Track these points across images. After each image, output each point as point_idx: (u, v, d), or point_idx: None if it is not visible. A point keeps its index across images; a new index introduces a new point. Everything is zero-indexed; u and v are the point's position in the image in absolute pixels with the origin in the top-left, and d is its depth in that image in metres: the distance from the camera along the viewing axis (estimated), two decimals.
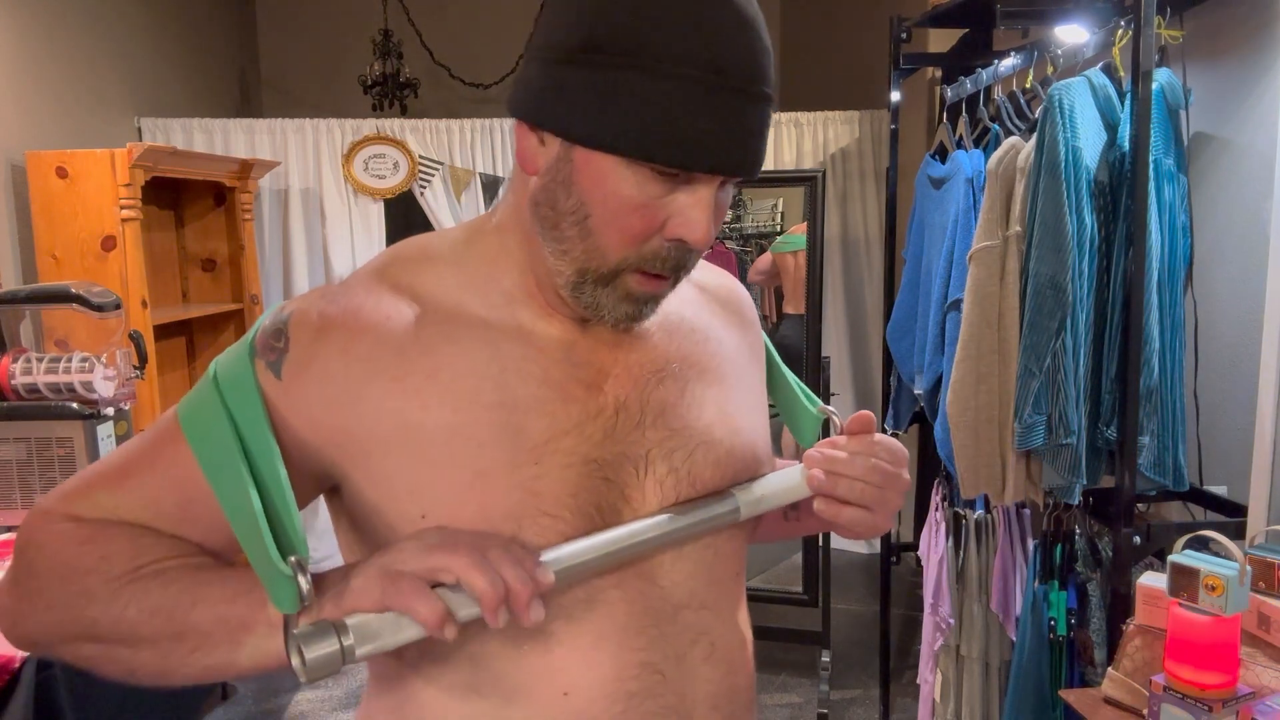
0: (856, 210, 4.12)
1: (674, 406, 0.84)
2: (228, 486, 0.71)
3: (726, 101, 0.70)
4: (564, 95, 0.72)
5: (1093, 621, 2.01)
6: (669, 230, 0.74)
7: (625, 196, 0.72)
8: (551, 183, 0.75)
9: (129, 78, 3.81)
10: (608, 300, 0.77)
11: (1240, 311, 1.94)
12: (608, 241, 0.74)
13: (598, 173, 0.72)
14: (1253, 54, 1.90)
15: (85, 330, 2.71)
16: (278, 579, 0.68)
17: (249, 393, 0.75)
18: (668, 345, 0.86)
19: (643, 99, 0.69)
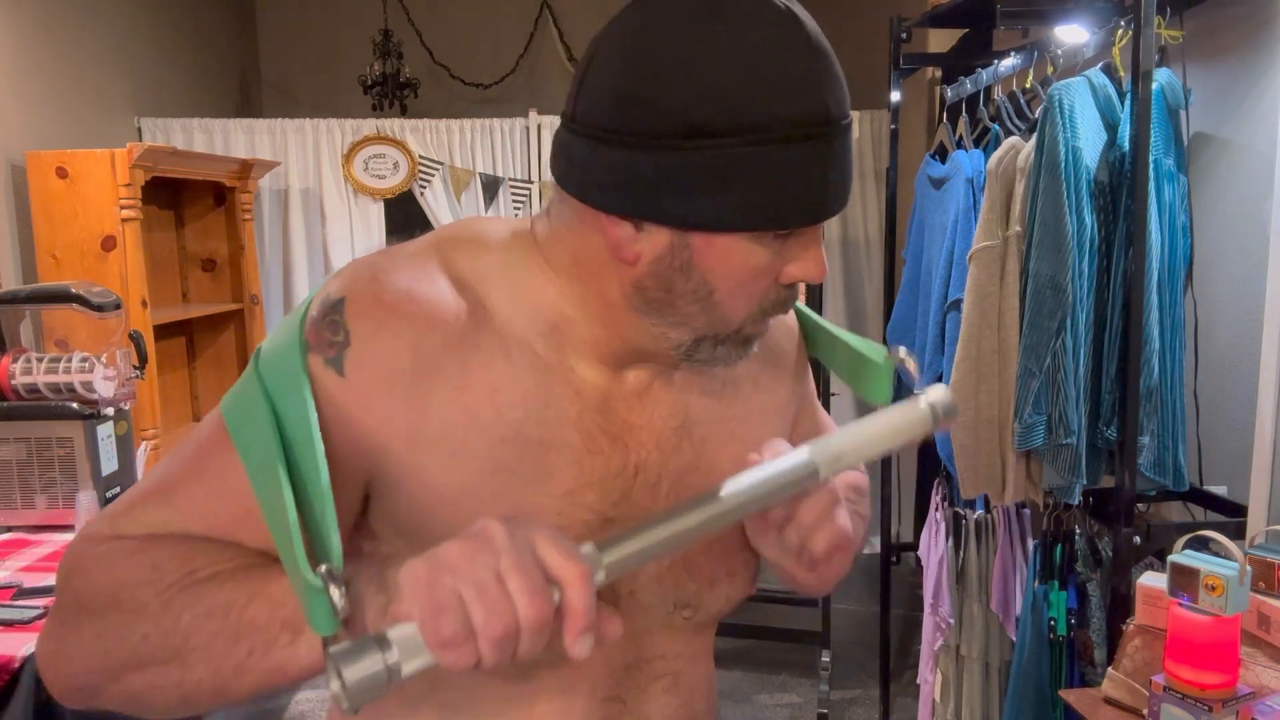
0: (856, 210, 4.12)
1: (689, 474, 0.81)
2: (267, 494, 0.66)
3: (830, 145, 0.69)
4: (668, 183, 0.68)
5: (1093, 621, 2.01)
6: (785, 276, 0.73)
7: (753, 266, 0.71)
8: (666, 270, 0.72)
9: (129, 78, 3.81)
10: (726, 352, 0.76)
11: (1240, 311, 1.94)
12: (734, 308, 0.73)
13: (722, 252, 0.70)
14: (1253, 54, 1.90)
15: (85, 330, 2.71)
16: (311, 594, 0.61)
17: (298, 390, 0.68)
18: (689, 394, 0.83)
19: (761, 171, 0.67)
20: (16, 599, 1.82)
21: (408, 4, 5.29)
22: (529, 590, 0.57)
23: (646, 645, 0.81)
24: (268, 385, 0.69)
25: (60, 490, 2.22)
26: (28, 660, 1.61)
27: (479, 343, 0.73)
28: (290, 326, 0.72)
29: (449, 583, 0.57)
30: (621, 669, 0.80)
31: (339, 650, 0.57)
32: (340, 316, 0.70)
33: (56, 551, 2.09)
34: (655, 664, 0.82)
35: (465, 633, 0.57)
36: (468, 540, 0.59)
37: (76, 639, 0.68)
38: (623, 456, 0.78)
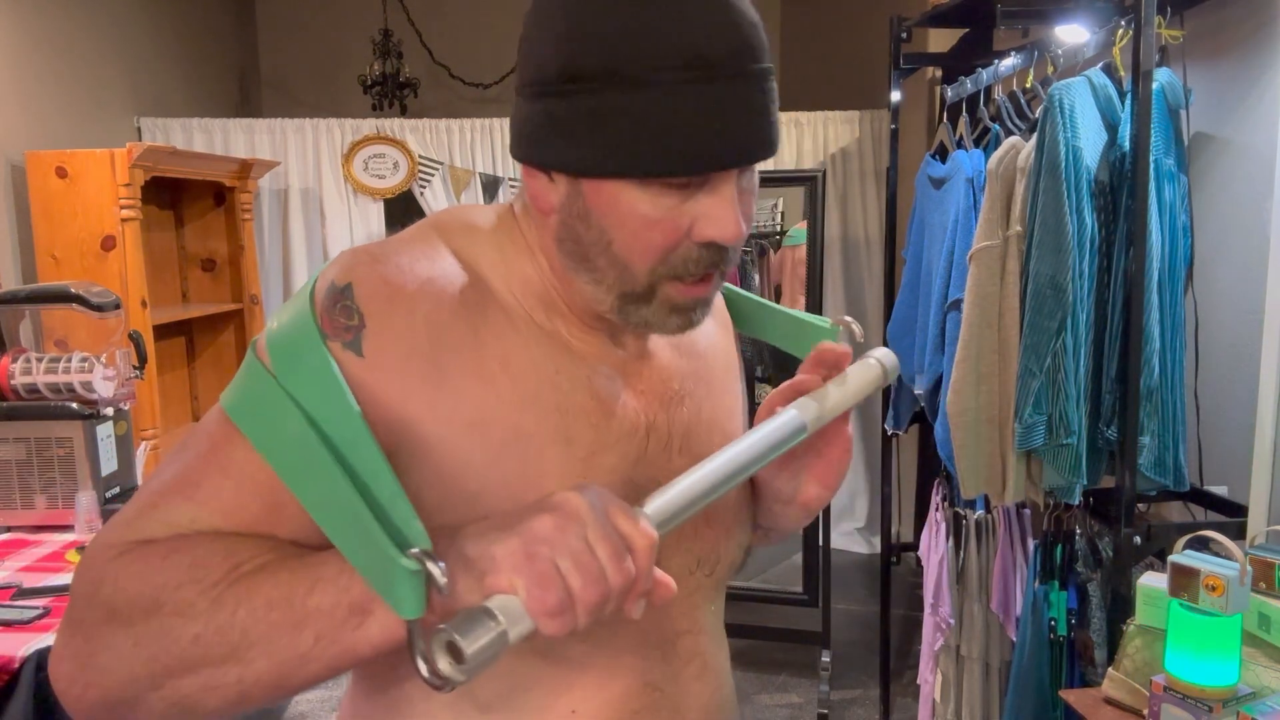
0: (856, 210, 4.12)
1: (694, 431, 0.83)
2: (312, 487, 0.65)
3: (721, 93, 0.67)
4: (556, 130, 0.69)
5: (1093, 621, 2.01)
6: (696, 234, 0.71)
7: (642, 215, 0.70)
8: (569, 219, 0.73)
9: (129, 78, 3.81)
10: (655, 316, 0.75)
11: (1240, 311, 1.94)
12: (637, 261, 0.72)
13: (609, 199, 0.70)
14: (1253, 54, 1.90)
15: (85, 330, 2.71)
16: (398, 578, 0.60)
17: (324, 379, 0.67)
18: (677, 361, 0.85)
19: (634, 116, 0.66)
20: (16, 599, 1.82)
21: (408, 4, 5.29)
22: (616, 557, 0.60)
23: (676, 615, 0.82)
24: (285, 381, 0.67)
25: (60, 490, 2.22)
26: (27, 660, 1.61)
27: (486, 313, 0.74)
28: (299, 317, 0.70)
29: (546, 554, 0.60)
30: (656, 649, 0.80)
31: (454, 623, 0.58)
32: (351, 301, 0.70)
33: (57, 552, 2.09)
34: (685, 641, 0.82)
35: (569, 601, 0.59)
36: (554, 513, 0.61)
37: (110, 652, 0.65)
38: (634, 417, 0.79)
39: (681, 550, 0.82)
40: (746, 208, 0.74)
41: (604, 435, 0.77)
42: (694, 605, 0.83)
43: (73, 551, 2.07)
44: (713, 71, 0.66)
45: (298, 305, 0.71)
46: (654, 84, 0.66)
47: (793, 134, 4.07)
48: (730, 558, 0.86)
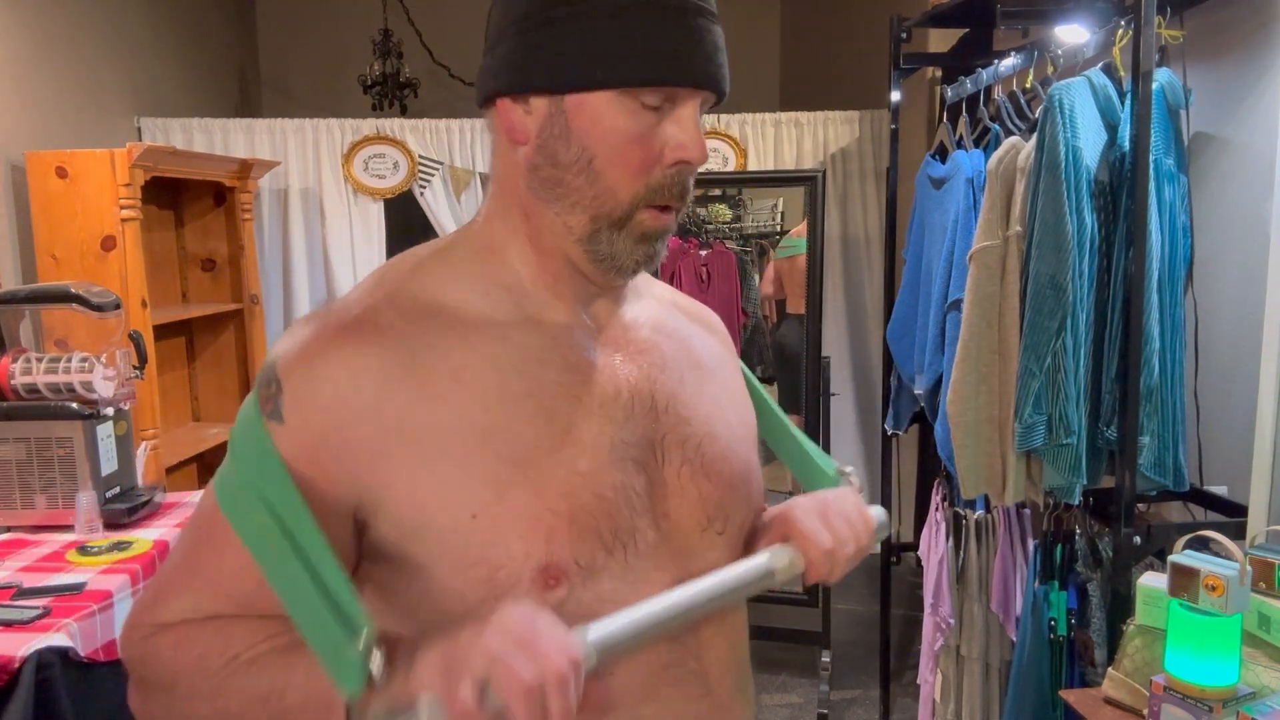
0: (856, 210, 4.12)
1: (678, 394, 0.86)
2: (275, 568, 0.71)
3: (684, 19, 0.75)
4: (539, 54, 0.76)
5: (1093, 621, 2.01)
6: (668, 157, 0.77)
7: (623, 129, 0.76)
8: (548, 140, 0.78)
9: (129, 78, 3.81)
10: (624, 244, 0.79)
11: (1240, 311, 1.94)
12: (616, 179, 0.77)
13: (593, 113, 0.76)
14: (1253, 54, 1.90)
15: (85, 330, 2.71)
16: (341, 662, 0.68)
17: (267, 458, 0.74)
18: (658, 337, 0.89)
19: (615, 33, 0.74)
20: (16, 599, 1.82)
21: (408, 4, 5.29)
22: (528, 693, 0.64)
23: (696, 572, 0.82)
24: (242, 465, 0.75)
25: (60, 490, 2.22)
26: (27, 660, 1.61)
27: (430, 340, 0.77)
28: (250, 399, 0.78)
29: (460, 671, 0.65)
30: None
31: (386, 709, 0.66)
32: (273, 372, 0.76)
33: (57, 552, 2.09)
34: None
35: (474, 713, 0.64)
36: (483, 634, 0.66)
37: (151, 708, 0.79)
38: (615, 382, 0.83)
39: (688, 507, 0.84)
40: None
41: (587, 403, 0.80)
42: (710, 563, 0.84)
43: (73, 551, 2.07)
44: (685, 5, 0.76)
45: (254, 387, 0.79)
46: (633, 6, 0.74)
47: (793, 134, 4.07)
48: (740, 517, 0.88)
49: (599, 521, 0.77)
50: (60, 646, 1.66)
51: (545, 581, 0.75)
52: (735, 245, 4.10)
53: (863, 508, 0.90)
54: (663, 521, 0.82)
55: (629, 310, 0.89)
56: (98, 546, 2.08)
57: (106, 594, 1.86)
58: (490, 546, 0.74)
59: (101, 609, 1.81)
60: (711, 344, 0.97)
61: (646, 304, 0.92)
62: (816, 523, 0.85)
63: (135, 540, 2.12)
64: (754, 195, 4.08)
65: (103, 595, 1.85)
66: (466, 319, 0.79)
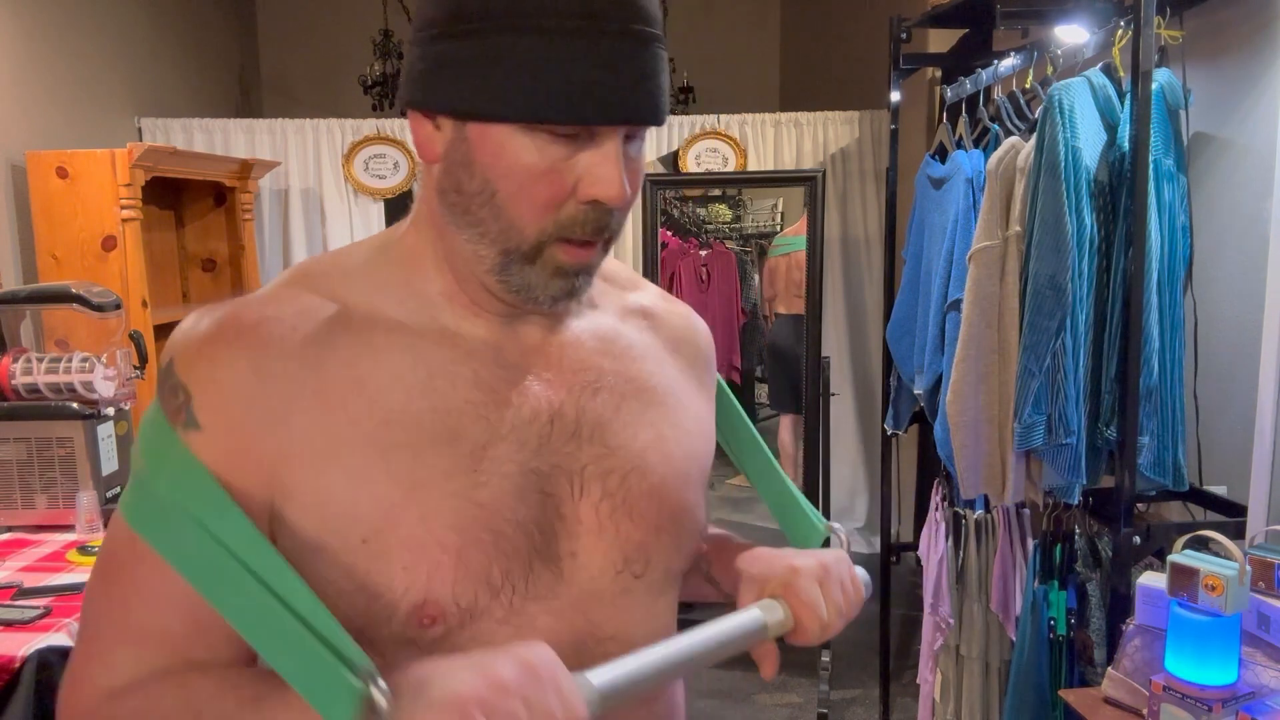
0: (856, 210, 4.12)
1: (609, 422, 0.79)
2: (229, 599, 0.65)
3: (608, 47, 0.67)
4: (444, 72, 0.69)
5: (1093, 621, 2.01)
6: (581, 193, 0.70)
7: (527, 165, 0.69)
8: (452, 166, 0.72)
9: (129, 78, 3.81)
10: (538, 279, 0.73)
11: (1240, 311, 1.94)
12: (520, 215, 0.71)
13: (495, 145, 0.69)
14: (1253, 54, 1.91)
15: (85, 330, 2.71)
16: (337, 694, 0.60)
17: (192, 471, 0.68)
18: (601, 357, 0.82)
19: (520, 60, 0.67)
20: (16, 599, 1.82)
21: (408, 4, 5.29)
22: None
23: (597, 619, 0.77)
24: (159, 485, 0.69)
25: (60, 490, 2.22)
26: (28, 660, 1.61)
27: (336, 344, 0.72)
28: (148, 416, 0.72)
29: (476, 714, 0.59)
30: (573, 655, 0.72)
31: None
32: (175, 378, 0.71)
33: (57, 552, 2.09)
34: (610, 649, 0.76)
35: None
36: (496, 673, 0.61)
37: None
38: (534, 405, 0.77)
39: (602, 546, 0.77)
40: (633, 175, 0.73)
41: (497, 425, 0.74)
42: (621, 609, 0.78)
43: (73, 551, 2.07)
44: (603, 25, 0.67)
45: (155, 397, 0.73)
46: (544, 30, 0.66)
47: (793, 134, 4.07)
48: (665, 561, 0.81)
49: (490, 561, 0.71)
50: (61, 646, 1.66)
51: (420, 620, 0.70)
52: (735, 245, 4.11)
53: (855, 574, 0.85)
54: (566, 562, 0.76)
55: (573, 325, 0.82)
56: (98, 546, 2.08)
57: None
58: (374, 575, 0.70)
59: None
60: (674, 365, 0.88)
61: (600, 318, 0.84)
62: (817, 591, 0.80)
63: None
64: (754, 195, 4.09)
65: None
66: (376, 326, 0.74)
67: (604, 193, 0.70)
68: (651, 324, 0.89)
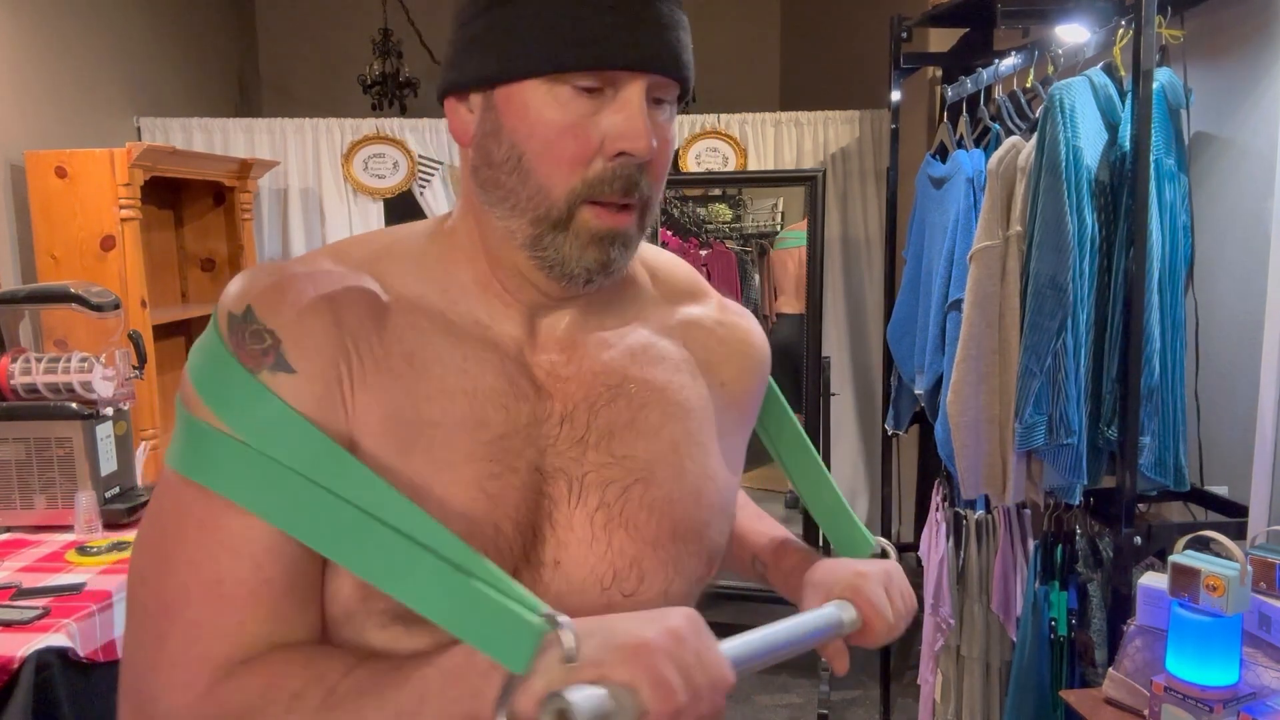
0: (856, 210, 4.12)
1: (621, 431, 0.78)
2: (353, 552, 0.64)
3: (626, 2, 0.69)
4: (474, 48, 0.72)
5: (1093, 622, 2.00)
6: (607, 148, 0.70)
7: (550, 121, 0.70)
8: (483, 139, 0.73)
9: (129, 78, 3.81)
10: (572, 248, 0.72)
11: (1241, 311, 1.94)
12: (548, 175, 0.71)
13: (520, 107, 0.71)
14: (1253, 54, 1.90)
15: (84, 330, 2.71)
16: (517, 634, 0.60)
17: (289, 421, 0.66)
18: (627, 364, 0.81)
19: (540, 17, 0.69)
20: (16, 599, 1.82)
21: (408, 4, 5.29)
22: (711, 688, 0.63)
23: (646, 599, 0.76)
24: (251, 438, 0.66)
25: (59, 490, 2.22)
26: (27, 660, 1.61)
27: (387, 318, 0.73)
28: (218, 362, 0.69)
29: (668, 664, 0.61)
30: None
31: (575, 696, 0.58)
32: (257, 323, 0.69)
33: (56, 552, 2.09)
34: None
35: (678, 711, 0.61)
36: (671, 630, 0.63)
37: None
38: (549, 404, 0.77)
39: (590, 558, 0.75)
40: (663, 142, 0.73)
41: (514, 417, 0.75)
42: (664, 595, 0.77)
43: (72, 552, 2.07)
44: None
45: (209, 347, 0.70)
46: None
47: (793, 134, 4.07)
48: (663, 582, 0.77)
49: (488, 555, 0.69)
50: (60, 647, 1.66)
51: None
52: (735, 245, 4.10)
53: (909, 586, 0.89)
54: (548, 569, 0.74)
55: (604, 329, 0.81)
56: (97, 547, 2.08)
57: (106, 594, 1.85)
58: None
59: (101, 609, 1.81)
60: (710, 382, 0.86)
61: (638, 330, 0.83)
62: (883, 594, 0.83)
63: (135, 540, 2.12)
64: (754, 195, 4.08)
65: (102, 595, 1.84)
66: (419, 305, 0.75)
67: (630, 145, 0.70)
68: (695, 338, 0.87)
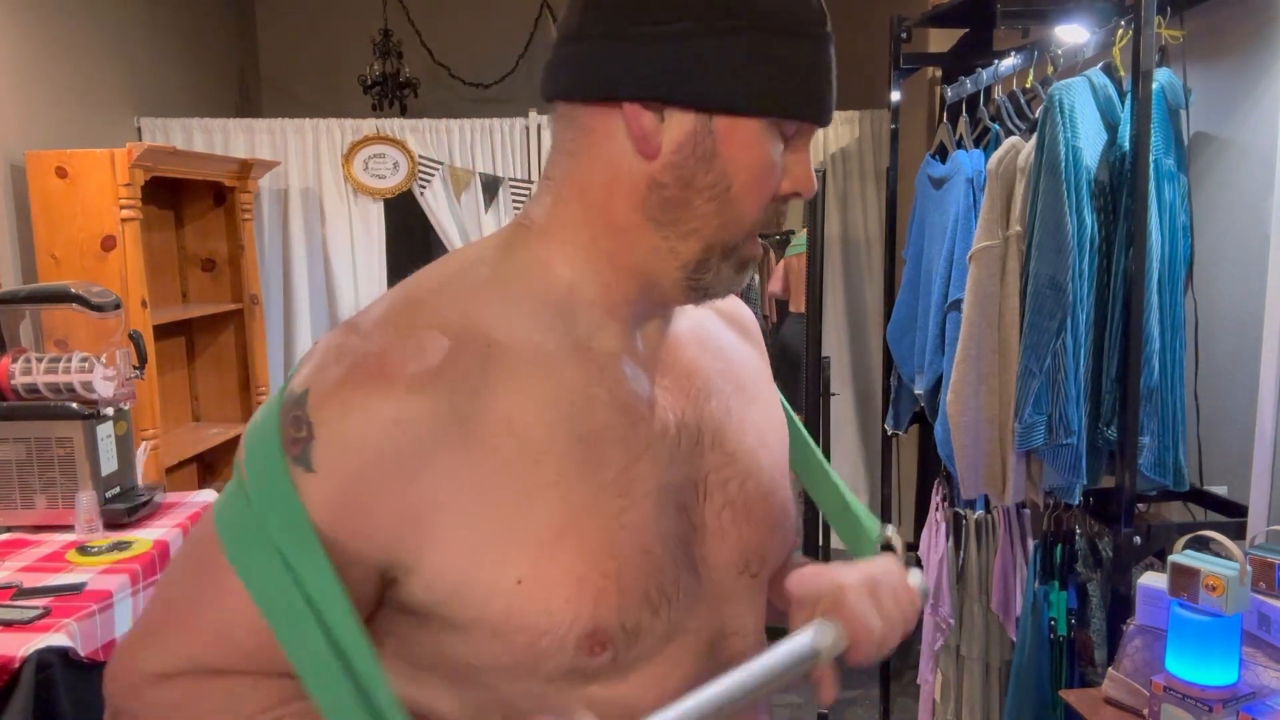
0: (856, 210, 4.12)
1: (724, 427, 0.82)
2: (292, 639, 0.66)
3: (827, 51, 0.73)
4: (698, 66, 0.69)
5: (1093, 622, 2.01)
6: (784, 188, 0.75)
7: (767, 160, 0.73)
8: (686, 159, 0.71)
9: (129, 78, 3.81)
10: (727, 273, 0.76)
11: (1240, 311, 1.94)
12: (747, 208, 0.74)
13: (745, 140, 0.72)
14: (1253, 54, 1.90)
15: (85, 330, 2.71)
16: None
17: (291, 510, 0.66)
18: (702, 357, 0.83)
19: (779, 59, 0.70)
20: (16, 599, 1.82)
21: (408, 4, 5.29)
22: None
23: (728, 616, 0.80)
24: (258, 511, 0.67)
25: (60, 490, 2.22)
26: (27, 660, 1.61)
27: (478, 382, 0.69)
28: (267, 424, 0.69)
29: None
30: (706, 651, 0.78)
31: None
32: (303, 410, 0.67)
33: (56, 552, 2.09)
34: (732, 643, 0.80)
35: None
36: None
37: None
38: (662, 417, 0.77)
39: (726, 550, 0.80)
40: None
41: (633, 445, 0.74)
42: (742, 608, 0.81)
43: (72, 552, 2.07)
44: (827, 31, 0.73)
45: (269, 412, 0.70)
46: (795, 34, 0.71)
47: None
48: (775, 559, 0.85)
49: (646, 580, 0.72)
50: (60, 647, 1.66)
51: (591, 648, 0.70)
52: None
53: (908, 583, 0.83)
54: (701, 567, 0.78)
55: (674, 324, 0.83)
56: (98, 546, 2.08)
57: (106, 594, 1.85)
58: (534, 614, 0.69)
59: (101, 609, 1.81)
60: (750, 355, 0.91)
61: (687, 311, 0.85)
62: (868, 604, 0.78)
63: (135, 540, 2.12)
64: None
65: (103, 595, 1.85)
66: (515, 351, 0.71)
67: (805, 189, 0.76)
68: (717, 315, 0.91)
